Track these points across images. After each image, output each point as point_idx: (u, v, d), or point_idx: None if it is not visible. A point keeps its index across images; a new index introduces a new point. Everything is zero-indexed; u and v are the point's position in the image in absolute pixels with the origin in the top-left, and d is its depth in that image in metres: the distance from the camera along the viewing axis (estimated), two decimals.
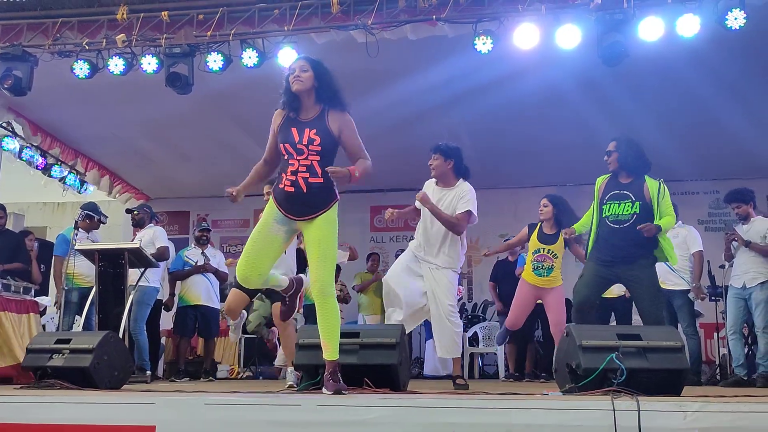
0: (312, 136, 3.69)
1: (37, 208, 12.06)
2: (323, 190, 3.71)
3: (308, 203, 3.71)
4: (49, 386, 4.21)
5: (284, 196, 3.75)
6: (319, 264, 3.65)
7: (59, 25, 6.64)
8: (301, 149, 3.69)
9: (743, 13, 5.55)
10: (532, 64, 6.49)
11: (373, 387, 3.80)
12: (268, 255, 3.82)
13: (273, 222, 3.80)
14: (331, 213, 3.73)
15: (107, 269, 6.08)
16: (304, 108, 3.81)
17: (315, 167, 3.69)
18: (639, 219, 4.77)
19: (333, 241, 3.73)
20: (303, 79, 3.74)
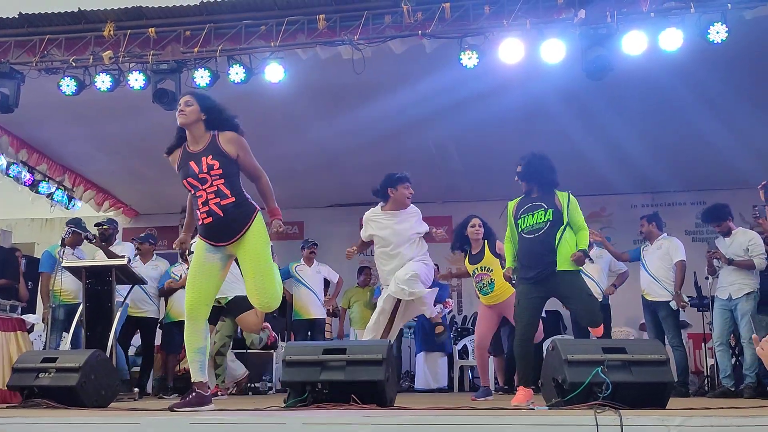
0: (210, 162, 3.83)
1: (24, 224, 11.99)
2: (239, 207, 3.85)
3: (229, 226, 3.84)
4: (36, 405, 4.19)
5: (206, 229, 3.89)
6: (257, 280, 3.79)
7: (46, 42, 6.64)
8: (204, 178, 3.83)
9: (725, 27, 5.63)
10: (517, 79, 6.55)
11: (360, 403, 3.80)
12: (210, 285, 3.94)
13: (205, 253, 3.92)
14: (255, 226, 3.88)
15: (95, 286, 6.05)
16: (195, 140, 3.95)
17: (223, 190, 3.83)
18: (552, 225, 4.87)
19: (265, 253, 3.88)
20: (186, 112, 3.92)
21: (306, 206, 10.84)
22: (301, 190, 10.13)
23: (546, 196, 4.99)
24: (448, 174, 9.83)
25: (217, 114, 3.99)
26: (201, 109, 3.94)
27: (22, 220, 11.94)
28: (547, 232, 4.86)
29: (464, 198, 10.58)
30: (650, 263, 7.13)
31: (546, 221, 4.89)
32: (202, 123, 3.95)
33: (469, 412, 3.41)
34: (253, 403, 5.36)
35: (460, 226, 6.53)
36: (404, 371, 9.81)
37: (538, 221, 4.92)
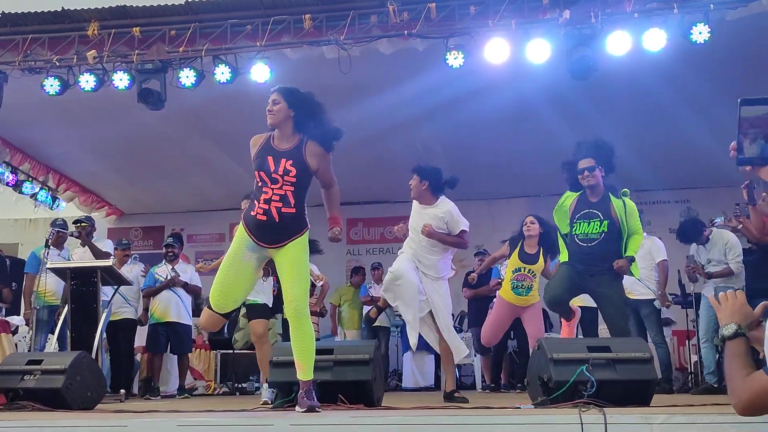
0: (288, 167, 3.68)
1: (8, 224, 11.90)
2: (295, 220, 3.72)
3: (280, 232, 3.71)
4: (21, 408, 4.17)
5: (256, 224, 3.73)
6: (294, 285, 3.66)
7: (29, 42, 6.59)
8: (276, 179, 3.68)
9: (707, 28, 5.69)
10: (502, 78, 6.58)
11: (348, 403, 3.81)
12: (242, 283, 3.83)
13: (244, 250, 3.79)
14: (302, 239, 3.75)
15: (80, 287, 6.02)
16: (282, 136, 3.79)
17: (289, 197, 3.69)
18: (607, 237, 4.85)
19: (305, 263, 3.76)
20: (274, 112, 3.74)
21: None
22: None
23: (603, 204, 4.92)
24: None
25: (307, 112, 3.77)
26: (289, 105, 3.74)
27: (5, 221, 11.85)
28: (601, 245, 4.84)
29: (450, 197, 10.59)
30: None
31: (600, 233, 4.85)
32: (291, 120, 3.76)
33: (456, 411, 3.43)
34: (240, 403, 5.36)
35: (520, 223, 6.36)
36: (391, 370, 9.83)
37: (593, 231, 4.87)
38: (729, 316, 2.07)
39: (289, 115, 3.76)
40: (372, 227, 11.55)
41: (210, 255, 11.46)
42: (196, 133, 8.50)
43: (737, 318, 2.05)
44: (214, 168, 9.59)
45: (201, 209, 11.35)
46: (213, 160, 9.33)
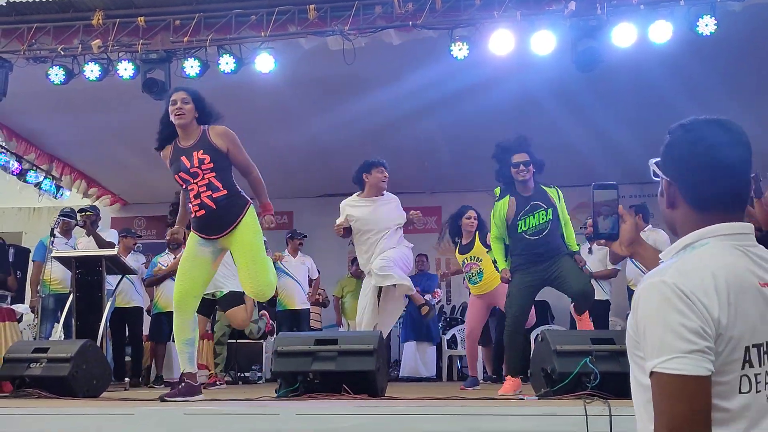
0: (201, 157, 3.85)
1: (12, 213, 11.92)
2: (231, 200, 3.87)
3: (222, 218, 3.85)
4: (27, 395, 4.20)
5: (199, 221, 3.90)
6: (251, 273, 3.81)
7: (34, 31, 6.58)
8: (196, 172, 3.85)
9: (714, 20, 5.66)
10: (507, 70, 6.56)
11: (351, 393, 3.83)
12: (201, 278, 3.97)
13: (197, 246, 3.94)
14: (247, 218, 3.89)
15: (85, 276, 6.05)
16: (187, 135, 3.98)
17: (214, 183, 3.85)
18: (553, 224, 4.92)
19: (258, 246, 3.90)
20: (186, 111, 3.93)
21: (295, 196, 10.83)
22: (290, 181, 10.11)
23: (539, 194, 5.01)
24: (437, 165, 9.85)
25: (207, 108, 4.03)
26: (196, 106, 3.98)
27: (9, 209, 11.87)
28: (552, 232, 4.91)
29: (453, 189, 10.62)
30: None
31: (547, 221, 4.92)
32: (194, 121, 4.01)
33: (460, 402, 3.45)
34: (244, 392, 5.39)
35: (454, 217, 6.53)
36: (393, 360, 9.86)
37: (540, 222, 4.92)
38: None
39: (195, 115, 3.99)
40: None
41: None
42: None
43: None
44: None
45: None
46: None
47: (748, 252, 1.41)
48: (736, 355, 1.34)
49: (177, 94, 4.03)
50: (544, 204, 4.96)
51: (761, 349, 1.36)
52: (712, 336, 1.33)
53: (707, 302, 1.34)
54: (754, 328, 1.35)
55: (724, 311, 1.34)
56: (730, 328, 1.34)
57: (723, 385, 1.34)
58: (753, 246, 1.43)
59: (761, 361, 1.35)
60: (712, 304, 1.34)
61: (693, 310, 1.33)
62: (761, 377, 1.35)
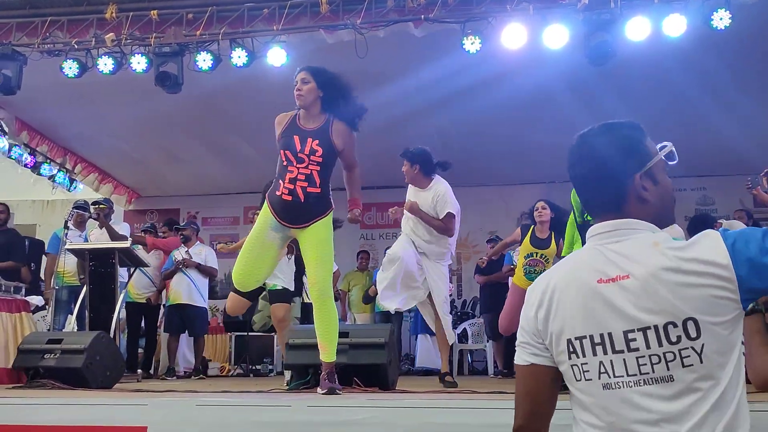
0: (314, 147, 3.68)
1: (26, 205, 12.02)
2: (320, 200, 3.72)
3: (304, 212, 3.71)
4: (41, 386, 4.25)
5: (281, 204, 3.73)
6: (318, 266, 3.68)
7: (48, 24, 6.62)
8: (302, 158, 3.68)
9: (729, 14, 5.61)
10: (519, 64, 6.53)
11: (362, 386, 3.85)
12: (265, 262, 3.84)
13: (268, 229, 3.79)
14: (326, 219, 3.76)
15: (98, 268, 6.09)
16: (309, 115, 3.79)
17: (314, 177, 3.69)
18: None
19: (329, 244, 3.76)
20: (304, 93, 3.73)
21: None
22: None
23: None
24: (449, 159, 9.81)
25: (335, 92, 3.78)
26: (318, 85, 3.75)
27: (23, 202, 11.97)
28: None
29: (465, 183, 10.59)
30: None
31: None
32: (318, 101, 3.77)
33: (470, 396, 3.46)
34: (256, 385, 5.42)
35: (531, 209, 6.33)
36: (404, 354, 9.89)
37: None
38: None
39: (318, 95, 3.76)
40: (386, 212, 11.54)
41: (224, 238, 11.51)
42: (211, 116, 8.52)
43: None
44: (229, 152, 9.63)
45: (216, 192, 11.39)
46: (228, 144, 9.37)
47: (605, 249, 1.50)
48: (561, 347, 1.51)
49: (299, 74, 3.80)
50: None
51: (585, 341, 1.47)
52: (531, 332, 1.57)
53: (531, 302, 1.58)
54: (574, 323, 1.48)
55: (543, 309, 1.54)
56: (549, 324, 1.52)
57: (564, 373, 1.54)
58: (615, 242, 1.51)
59: (593, 351, 1.46)
60: (532, 303, 1.57)
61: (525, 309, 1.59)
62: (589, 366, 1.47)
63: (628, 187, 1.55)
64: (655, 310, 1.39)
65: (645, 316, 1.39)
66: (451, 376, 5.47)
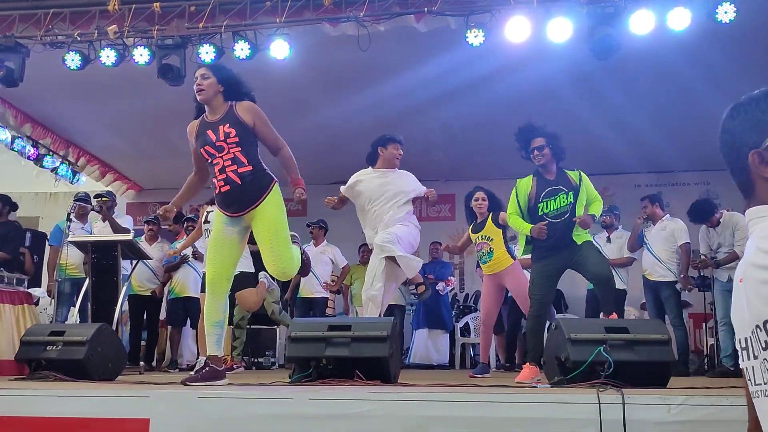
0: (227, 130, 3.85)
1: (29, 197, 12.01)
2: (256, 176, 3.86)
3: (246, 194, 3.84)
4: (43, 378, 4.25)
5: (223, 197, 3.90)
6: (273, 249, 3.79)
7: (51, 16, 6.61)
8: (221, 146, 3.85)
9: (733, 7, 5.59)
10: (523, 58, 6.51)
11: (364, 379, 3.85)
12: (230, 258, 3.97)
13: (224, 226, 3.94)
14: (272, 196, 3.88)
15: (100, 261, 6.10)
16: (214, 110, 3.98)
17: (240, 157, 3.84)
18: (573, 207, 4.95)
19: (282, 222, 3.88)
20: (204, 86, 3.93)
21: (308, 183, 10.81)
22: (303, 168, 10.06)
23: (561, 178, 5.04)
24: (451, 153, 9.82)
25: (234, 85, 4.01)
26: (218, 80, 3.96)
27: (26, 194, 11.95)
28: (572, 214, 4.94)
29: (468, 177, 10.58)
30: (654, 244, 7.17)
31: (569, 204, 4.95)
32: (220, 95, 3.98)
33: (473, 389, 3.46)
34: (258, 377, 5.42)
35: (466, 197, 6.59)
36: (406, 347, 9.90)
37: (561, 205, 4.96)
38: None
39: (219, 90, 3.96)
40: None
41: None
42: None
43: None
44: None
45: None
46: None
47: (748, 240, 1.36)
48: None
49: (198, 71, 4.04)
50: (564, 187, 4.99)
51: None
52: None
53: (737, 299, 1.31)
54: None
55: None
56: None
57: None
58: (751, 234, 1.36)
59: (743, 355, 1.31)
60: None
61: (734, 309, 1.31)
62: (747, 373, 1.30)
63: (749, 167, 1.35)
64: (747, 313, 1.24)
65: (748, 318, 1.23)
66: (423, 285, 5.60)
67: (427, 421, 2.79)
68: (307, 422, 2.85)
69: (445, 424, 2.78)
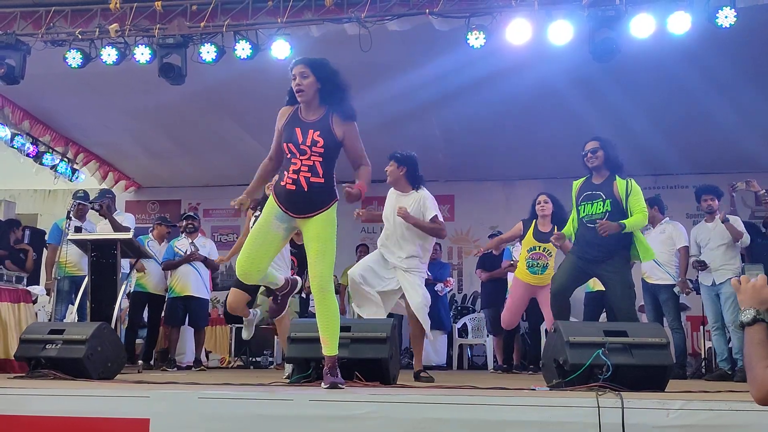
0: (316, 138, 3.71)
1: (28, 195, 12.02)
2: (324, 190, 3.74)
3: (309, 202, 3.74)
4: (43, 376, 4.26)
5: (285, 194, 3.77)
6: (318, 259, 3.69)
7: (52, 14, 6.60)
8: (304, 150, 3.71)
9: (733, 12, 5.59)
10: (524, 60, 6.53)
11: (364, 380, 3.86)
12: (268, 251, 3.86)
13: (273, 219, 3.83)
14: (330, 212, 3.77)
15: (100, 259, 6.09)
16: (309, 108, 3.82)
17: (317, 168, 3.72)
18: (611, 216, 4.93)
19: (331, 238, 3.76)
20: (304, 87, 3.74)
21: None
22: None
23: (606, 184, 5.05)
24: (452, 154, 9.83)
25: (332, 85, 3.79)
26: (317, 78, 3.76)
27: (25, 191, 11.97)
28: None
29: (468, 178, 10.60)
30: (652, 247, 7.16)
31: (604, 212, 4.95)
32: (317, 94, 3.79)
33: (472, 391, 3.47)
34: (256, 377, 5.43)
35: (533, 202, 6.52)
36: (403, 348, 9.90)
37: (596, 211, 4.99)
38: (748, 301, 1.97)
39: (317, 88, 3.77)
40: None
41: (225, 230, 11.57)
42: (214, 108, 8.52)
43: (756, 303, 1.95)
44: (231, 143, 9.61)
45: (217, 184, 11.39)
46: (231, 136, 9.36)
47: None
48: None
49: (296, 68, 3.80)
50: (604, 194, 5.00)
51: None
52: None
53: None
54: None
55: None
56: None
57: None
58: None
59: None
60: None
61: None
62: None
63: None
64: None
65: None
66: (425, 371, 5.49)
67: (427, 423, 2.80)
68: (307, 423, 2.86)
69: (445, 426, 2.79)
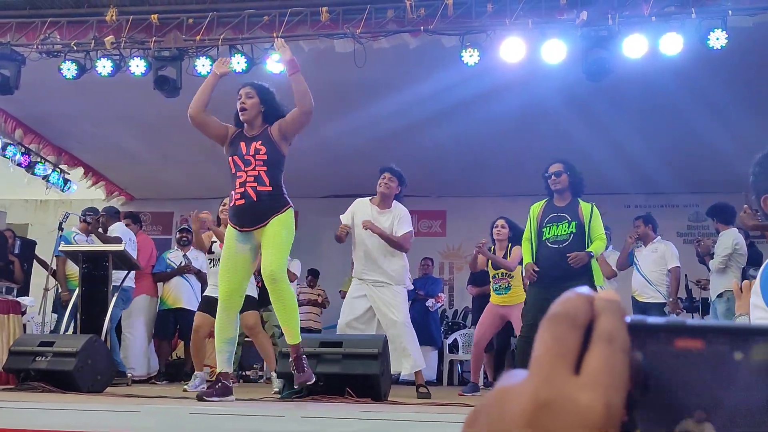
0: (258, 147, 3.92)
1: (19, 205, 11.96)
2: (273, 198, 3.90)
3: (259, 212, 3.88)
4: (32, 389, 4.23)
5: (236, 211, 3.95)
6: (268, 253, 3.81)
7: (48, 25, 6.62)
8: (249, 160, 3.91)
9: (725, 34, 5.67)
10: (517, 78, 6.57)
11: (355, 396, 3.86)
12: (242, 274, 3.99)
13: (235, 243, 3.97)
14: (283, 216, 3.92)
15: (91, 271, 6.07)
16: (252, 127, 4.06)
17: (262, 176, 3.89)
18: (576, 239, 5.02)
19: (285, 238, 3.89)
20: (248, 106, 4.01)
21: (301, 196, 10.84)
22: (297, 181, 10.12)
23: (571, 207, 5.13)
24: (444, 170, 9.87)
25: (273, 108, 4.08)
26: (261, 101, 4.04)
27: (16, 201, 11.91)
28: (572, 244, 5.01)
29: (460, 194, 10.63)
30: (644, 266, 7.20)
31: (569, 233, 5.04)
32: (260, 115, 4.05)
33: (462, 408, 3.47)
34: (246, 392, 5.40)
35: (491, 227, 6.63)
36: None
37: (562, 233, 5.06)
38: (743, 306, 1.96)
39: (261, 110, 4.04)
40: None
41: None
42: None
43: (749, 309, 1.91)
44: (224, 156, 9.60)
45: (210, 196, 11.38)
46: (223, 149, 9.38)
47: None
48: None
49: (243, 89, 4.12)
50: (569, 216, 5.08)
51: None
52: None
53: None
54: None
55: None
56: None
57: None
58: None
59: None
60: None
61: None
62: None
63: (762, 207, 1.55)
64: None
65: None
66: (425, 387, 5.50)
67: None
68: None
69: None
